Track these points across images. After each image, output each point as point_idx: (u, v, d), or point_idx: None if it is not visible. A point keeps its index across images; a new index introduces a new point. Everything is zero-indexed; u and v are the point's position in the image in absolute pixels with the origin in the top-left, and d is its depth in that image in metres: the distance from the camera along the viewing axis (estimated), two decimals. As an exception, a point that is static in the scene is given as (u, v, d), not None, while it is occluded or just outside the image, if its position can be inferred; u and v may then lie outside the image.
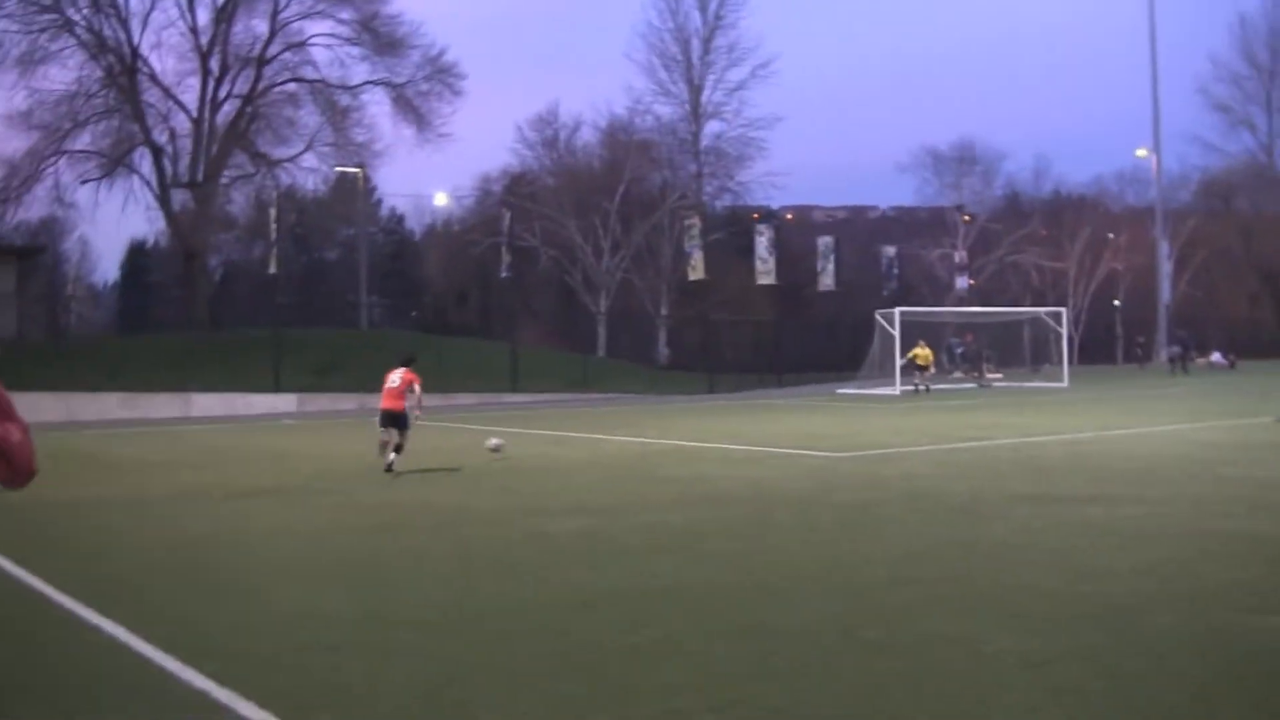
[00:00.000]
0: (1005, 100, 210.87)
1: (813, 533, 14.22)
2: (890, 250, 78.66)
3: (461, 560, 12.97)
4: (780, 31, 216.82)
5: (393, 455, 21.43)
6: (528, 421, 36.76)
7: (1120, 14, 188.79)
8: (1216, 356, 76.30)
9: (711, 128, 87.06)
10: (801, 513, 15.76)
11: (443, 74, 68.13)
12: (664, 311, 77.16)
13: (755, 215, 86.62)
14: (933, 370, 54.30)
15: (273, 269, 67.69)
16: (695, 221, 71.71)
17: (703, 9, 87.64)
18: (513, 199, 76.63)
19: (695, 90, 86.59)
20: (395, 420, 21.77)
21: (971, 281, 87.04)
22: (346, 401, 46.97)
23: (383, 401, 22.06)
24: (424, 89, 67.73)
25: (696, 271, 70.68)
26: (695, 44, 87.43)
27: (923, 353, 52.52)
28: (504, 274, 68.97)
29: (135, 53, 62.19)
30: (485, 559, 13.00)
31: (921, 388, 50.69)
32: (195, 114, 62.75)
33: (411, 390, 21.96)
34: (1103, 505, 15.66)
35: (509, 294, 77.82)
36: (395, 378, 22.14)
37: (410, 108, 67.35)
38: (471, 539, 14.44)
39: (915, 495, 17.14)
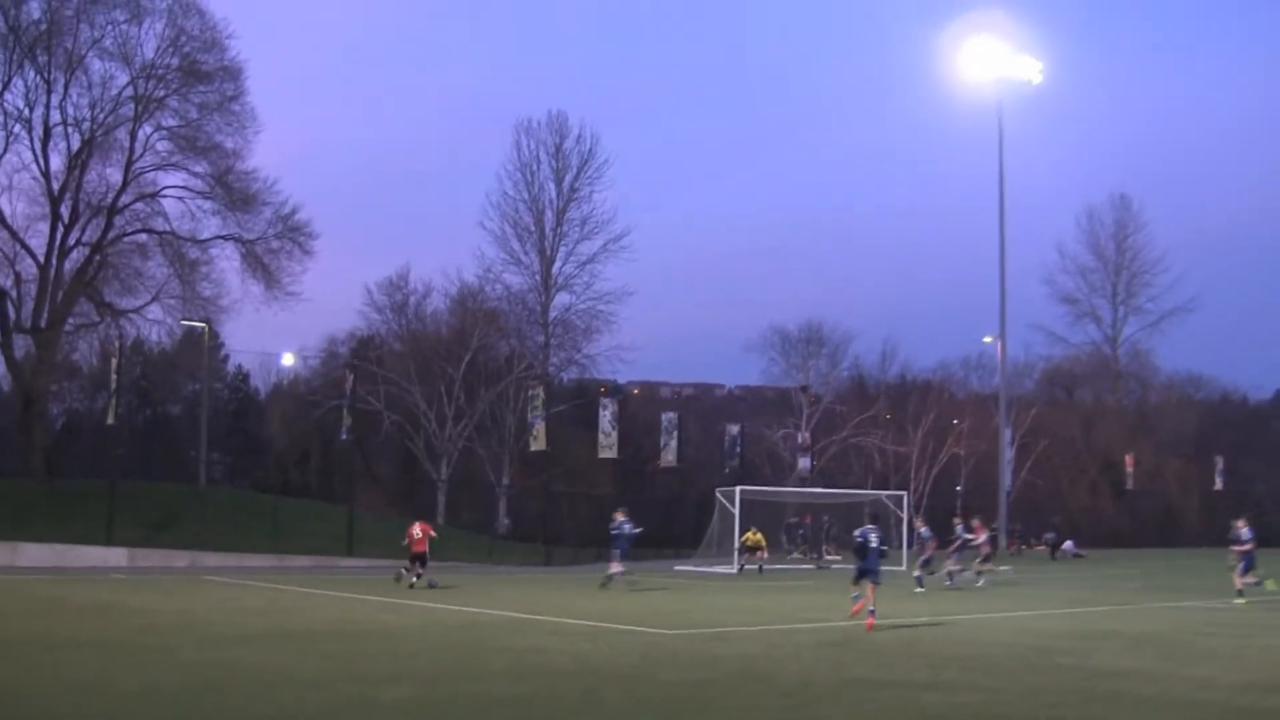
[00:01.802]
0: (855, 283, 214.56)
1: (637, 711, 14.11)
2: (734, 428, 79.01)
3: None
4: (635, 207, 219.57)
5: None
6: (362, 587, 36.29)
7: (971, 202, 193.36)
8: (1069, 545, 77.13)
9: (561, 299, 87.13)
10: (630, 690, 15.65)
11: (294, 232, 67.74)
12: (505, 481, 76.72)
13: (601, 389, 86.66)
14: (765, 554, 54.47)
15: (110, 420, 66.44)
16: (539, 392, 71.75)
17: (558, 181, 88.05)
18: (358, 362, 76.12)
19: (546, 261, 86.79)
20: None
21: (815, 462, 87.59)
22: (179, 558, 46.09)
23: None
24: (274, 246, 67.16)
25: (539, 442, 70.57)
26: (549, 215, 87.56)
27: (753, 537, 52.84)
28: (344, 436, 68.25)
29: (-15, 195, 60.95)
30: (304, 727, 12.71)
31: (755, 568, 50.95)
32: (43, 259, 61.81)
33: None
34: (938, 692, 15.76)
35: (350, 457, 77.03)
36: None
37: (260, 264, 66.74)
38: (292, 703, 14.19)
39: (747, 676, 17.10)
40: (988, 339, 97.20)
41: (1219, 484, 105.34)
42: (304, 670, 17.14)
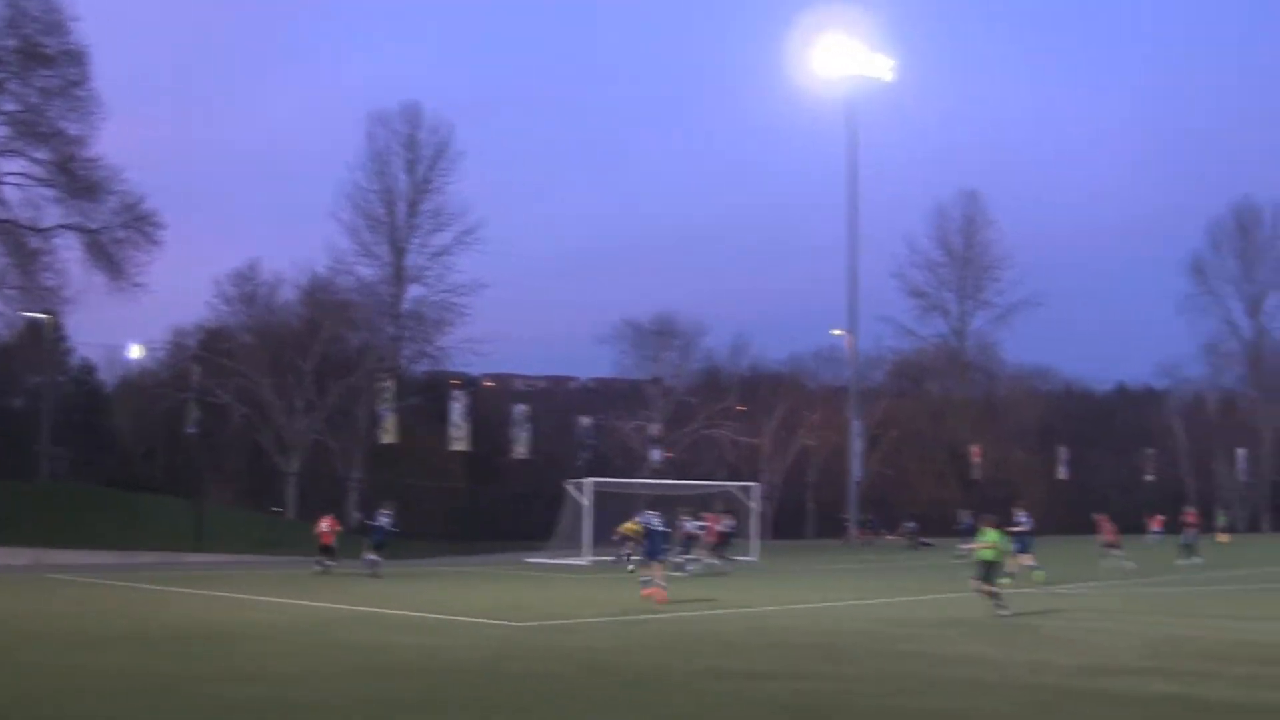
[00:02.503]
0: (708, 279, 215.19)
1: (483, 706, 14.15)
2: (586, 420, 79.20)
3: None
4: (487, 199, 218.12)
5: None
6: (210, 583, 35.87)
7: (824, 199, 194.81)
8: (911, 526, 77.74)
9: (413, 291, 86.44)
10: (477, 685, 15.69)
11: (140, 222, 66.83)
12: (356, 475, 76.18)
13: (454, 381, 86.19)
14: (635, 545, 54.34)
15: (-56, 414, 65.24)
16: (390, 384, 71.38)
17: (410, 172, 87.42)
18: (206, 354, 75.24)
19: (399, 253, 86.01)
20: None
21: (667, 454, 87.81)
22: (21, 556, 45.22)
23: None
24: (120, 236, 66.25)
25: (389, 435, 70.28)
26: (401, 207, 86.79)
27: (633, 526, 52.63)
28: (190, 430, 67.30)
29: None
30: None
31: (626, 560, 50.72)
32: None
33: None
34: (784, 681, 15.98)
35: (197, 451, 76.01)
36: None
37: (104, 255, 65.74)
38: (140, 710, 14.03)
39: (595, 668, 17.20)
40: (838, 332, 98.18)
41: (1063, 473, 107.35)
42: (152, 672, 16.93)
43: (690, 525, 45.14)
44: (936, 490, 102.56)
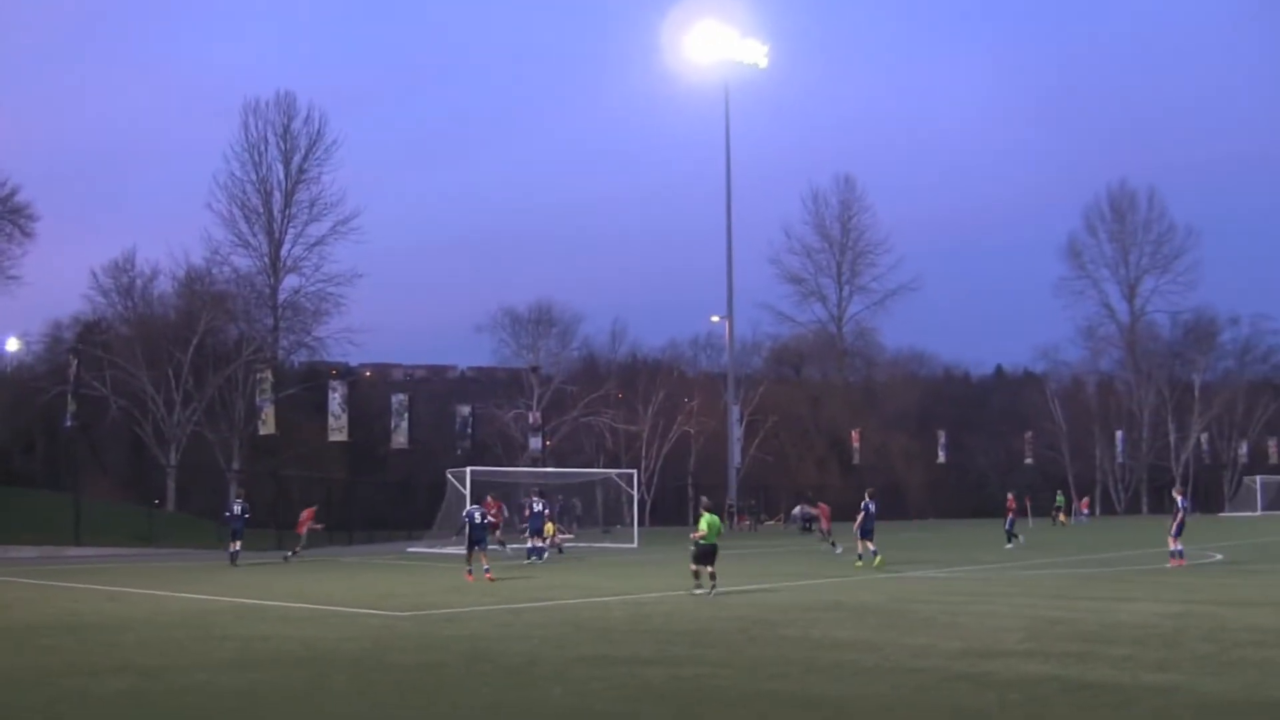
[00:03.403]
0: (584, 267, 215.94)
1: (365, 696, 14.05)
2: (465, 409, 78.98)
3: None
4: (365, 191, 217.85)
5: None
6: (88, 576, 35.49)
7: (700, 187, 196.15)
8: (797, 513, 78.01)
9: (290, 281, 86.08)
10: (358, 675, 15.55)
11: (13, 215, 66.06)
12: (236, 466, 75.43)
13: (331, 371, 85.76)
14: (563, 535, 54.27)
15: None
16: (268, 375, 70.94)
17: (286, 162, 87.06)
18: (83, 347, 74.25)
19: (275, 243, 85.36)
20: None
21: (547, 442, 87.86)
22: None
23: None
24: (-9, 229, 65.42)
25: (267, 426, 69.80)
26: (277, 197, 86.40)
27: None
28: (69, 423, 66.38)
29: None
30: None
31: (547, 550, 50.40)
32: None
33: None
34: (662, 667, 15.97)
35: (75, 444, 74.93)
36: None
37: (-25, 248, 64.90)
38: (8, 702, 13.82)
39: (476, 657, 17.13)
40: (715, 318, 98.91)
41: (942, 457, 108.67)
42: (22, 666, 16.72)
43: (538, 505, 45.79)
44: (817, 475, 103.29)
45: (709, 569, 27.46)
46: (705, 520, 27.94)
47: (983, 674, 15.21)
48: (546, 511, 46.14)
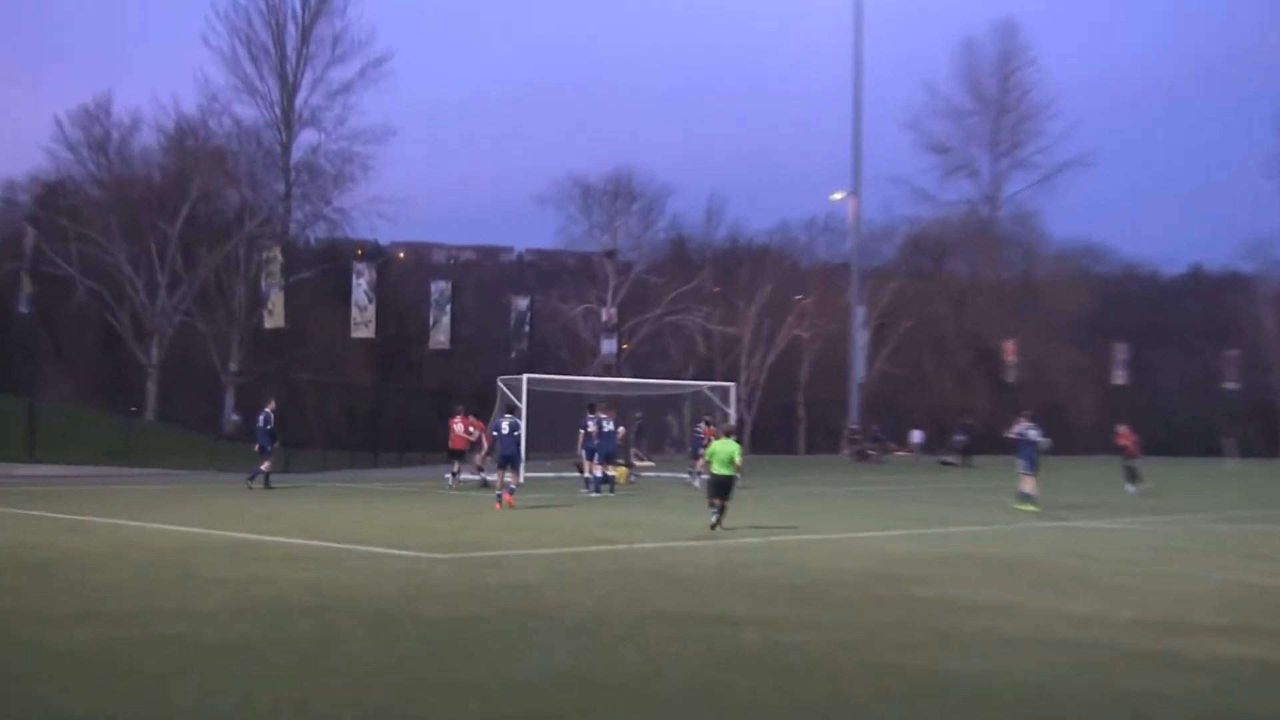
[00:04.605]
0: (674, 127, 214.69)
1: (387, 654, 14.00)
2: (523, 302, 78.41)
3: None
4: (399, 28, 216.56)
5: None
6: (45, 501, 35.79)
7: (821, 24, 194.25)
8: (916, 437, 77.83)
9: (306, 138, 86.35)
10: (378, 629, 15.55)
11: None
12: (234, 367, 75.79)
13: (357, 251, 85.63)
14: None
15: None
16: (277, 255, 70.77)
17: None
18: (43, 213, 74.49)
19: (288, 89, 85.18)
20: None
21: (623, 345, 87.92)
22: None
23: None
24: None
25: (275, 318, 69.82)
26: (292, 31, 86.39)
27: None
28: (23, 309, 66.63)
29: None
30: (-45, 678, 12.39)
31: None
32: None
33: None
34: (759, 629, 15.89)
35: (33, 335, 75.22)
36: None
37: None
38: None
39: (525, 611, 17.09)
40: (838, 196, 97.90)
41: (1120, 377, 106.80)
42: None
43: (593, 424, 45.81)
44: (959, 395, 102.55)
45: (721, 502, 29.43)
46: (718, 447, 29.76)
47: (1161, 652, 15.07)
48: (620, 431, 46.49)
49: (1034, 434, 39.42)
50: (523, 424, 40.28)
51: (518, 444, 37.75)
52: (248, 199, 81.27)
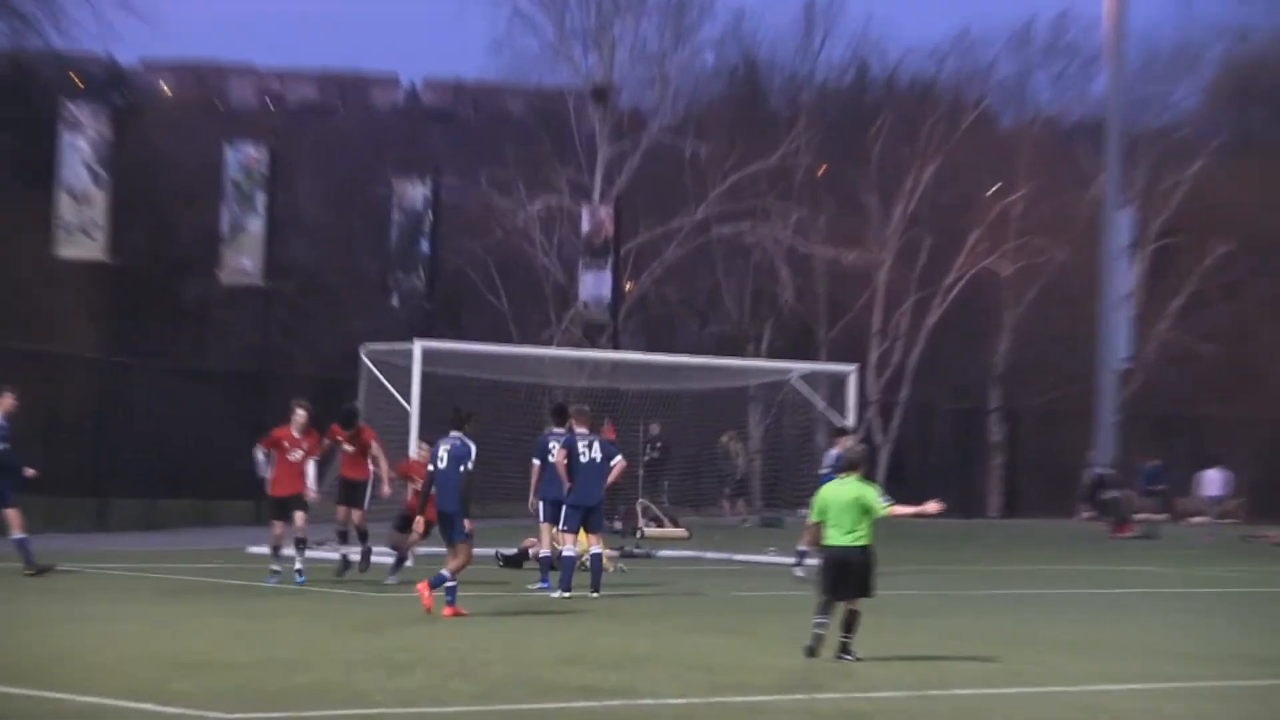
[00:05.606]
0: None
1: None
2: (418, 190, 59.18)
3: None
4: None
5: None
6: None
7: None
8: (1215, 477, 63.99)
9: None
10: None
11: None
12: None
13: (73, 79, 69.13)
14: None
15: None
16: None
17: None
18: None
19: None
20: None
21: (627, 284, 67.53)
22: None
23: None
24: None
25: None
26: None
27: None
28: None
29: None
30: None
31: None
32: None
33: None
34: None
35: None
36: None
37: None
38: None
39: None
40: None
41: None
42: None
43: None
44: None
45: (845, 605, 20.27)
46: (831, 495, 20.59)
47: None
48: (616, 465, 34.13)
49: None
50: (474, 449, 27.70)
51: (461, 488, 27.15)
52: None
